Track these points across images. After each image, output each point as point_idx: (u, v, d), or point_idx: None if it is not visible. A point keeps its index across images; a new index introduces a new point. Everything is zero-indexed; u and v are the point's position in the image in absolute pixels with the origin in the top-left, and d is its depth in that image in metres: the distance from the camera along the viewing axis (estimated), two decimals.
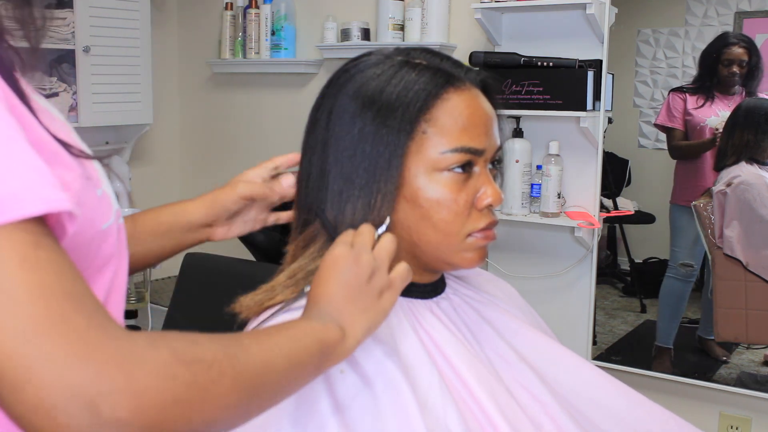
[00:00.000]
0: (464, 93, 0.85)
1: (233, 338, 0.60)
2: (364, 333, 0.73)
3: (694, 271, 2.40)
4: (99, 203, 0.60)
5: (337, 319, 0.72)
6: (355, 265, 0.74)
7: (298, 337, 0.66)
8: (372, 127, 0.82)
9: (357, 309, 0.73)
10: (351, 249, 0.75)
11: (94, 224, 0.59)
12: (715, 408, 2.28)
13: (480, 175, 0.86)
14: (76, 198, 0.55)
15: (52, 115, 0.60)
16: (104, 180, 0.63)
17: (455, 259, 0.87)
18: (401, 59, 0.86)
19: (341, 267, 0.74)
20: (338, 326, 0.71)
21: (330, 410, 0.75)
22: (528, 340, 0.96)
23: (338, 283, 0.73)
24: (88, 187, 0.58)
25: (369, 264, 0.75)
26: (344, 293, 0.73)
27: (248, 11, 2.85)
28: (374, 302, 0.74)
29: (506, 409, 0.84)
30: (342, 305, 0.73)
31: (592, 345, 2.37)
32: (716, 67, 2.29)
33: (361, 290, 0.74)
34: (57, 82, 2.61)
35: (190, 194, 3.48)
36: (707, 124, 2.31)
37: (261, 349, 0.61)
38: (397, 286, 0.77)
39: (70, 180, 0.55)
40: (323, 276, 0.75)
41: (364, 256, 0.75)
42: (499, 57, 2.27)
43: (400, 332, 0.84)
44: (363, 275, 0.74)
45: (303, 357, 0.65)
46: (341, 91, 0.86)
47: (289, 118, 2.92)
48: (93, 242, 0.59)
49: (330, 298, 0.73)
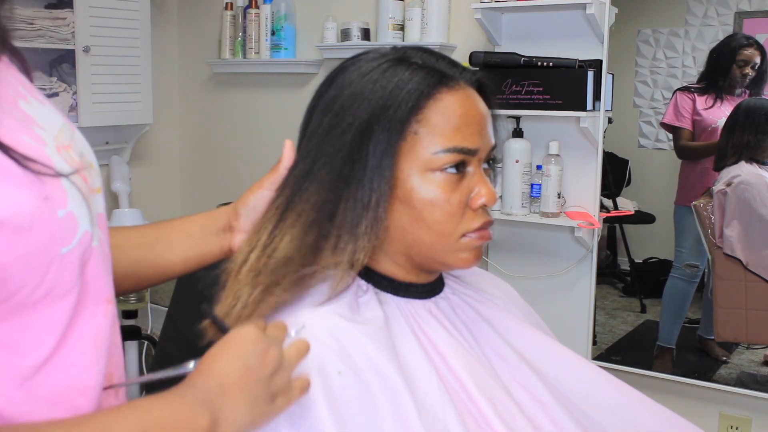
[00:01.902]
0: (457, 93, 0.85)
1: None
2: (239, 426, 0.65)
3: (698, 272, 2.40)
4: (58, 225, 0.56)
5: (215, 401, 0.64)
6: (263, 353, 0.67)
7: (148, 431, 0.59)
8: (363, 125, 0.82)
9: (245, 400, 0.65)
10: (263, 336, 0.69)
11: (51, 249, 0.55)
12: (715, 408, 2.28)
13: (474, 174, 0.85)
14: (27, 219, 0.53)
15: (30, 126, 0.57)
16: (73, 199, 0.58)
17: (450, 260, 0.86)
18: (396, 58, 0.86)
19: (247, 349, 0.67)
20: (209, 414, 0.63)
21: (327, 411, 0.75)
22: (527, 339, 0.96)
23: (237, 363, 0.66)
24: (46, 207, 0.55)
25: (276, 359, 0.68)
26: (239, 377, 0.65)
27: (248, 11, 2.85)
28: (266, 401, 0.67)
29: (503, 410, 0.84)
30: (229, 389, 0.65)
31: (592, 345, 2.37)
32: (729, 68, 2.28)
33: (258, 382, 0.66)
34: (57, 82, 2.61)
35: (190, 194, 3.45)
36: (719, 126, 2.31)
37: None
38: (295, 395, 0.70)
39: (21, 201, 0.52)
40: (223, 348, 0.68)
41: (275, 349, 0.68)
42: (499, 57, 2.27)
43: (398, 333, 0.84)
44: (267, 368, 0.67)
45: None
46: (336, 89, 0.86)
47: (289, 118, 2.92)
48: (50, 267, 0.55)
49: (220, 377, 0.65)
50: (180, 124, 3.29)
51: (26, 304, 0.56)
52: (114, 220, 2.74)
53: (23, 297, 0.55)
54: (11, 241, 0.52)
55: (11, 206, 0.52)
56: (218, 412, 0.63)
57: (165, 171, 3.27)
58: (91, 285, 0.62)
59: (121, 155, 2.97)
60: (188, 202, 3.31)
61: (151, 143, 3.19)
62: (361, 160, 0.81)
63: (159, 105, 3.08)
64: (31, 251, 0.53)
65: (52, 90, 2.57)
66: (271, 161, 1.65)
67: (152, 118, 2.92)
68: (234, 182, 3.11)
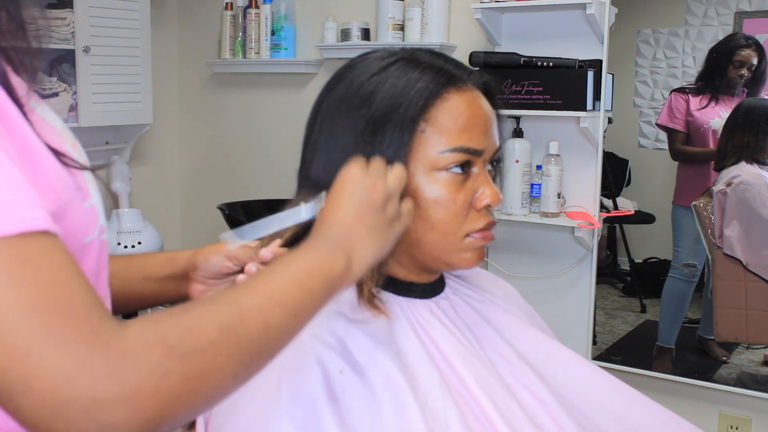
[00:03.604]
0: (465, 93, 0.85)
1: (230, 304, 0.58)
2: (370, 258, 0.72)
3: (697, 271, 2.40)
4: (85, 216, 0.59)
5: (345, 243, 0.70)
6: (372, 188, 0.73)
7: (302, 280, 0.64)
8: (375, 123, 0.82)
9: (367, 231, 0.72)
10: (367, 172, 0.74)
11: (78, 237, 0.58)
12: (715, 408, 2.28)
13: (479, 175, 0.86)
14: (62, 209, 0.55)
15: (47, 124, 0.59)
16: (94, 192, 0.62)
17: (453, 260, 0.87)
18: (406, 57, 0.86)
19: (357, 187, 0.73)
20: (344, 254, 0.69)
21: (329, 410, 0.75)
22: (528, 339, 0.96)
23: (352, 202, 0.72)
24: (77, 198, 0.58)
25: (384, 190, 0.74)
26: (357, 213, 0.72)
27: (248, 11, 2.85)
28: (385, 228, 0.74)
29: (505, 410, 0.84)
30: (353, 226, 0.71)
31: (592, 345, 2.37)
32: (726, 69, 2.28)
33: (375, 214, 0.73)
34: (57, 82, 2.61)
35: (190, 194, 3.45)
36: (711, 126, 2.31)
37: (260, 311, 0.59)
38: (406, 219, 0.77)
39: (59, 189, 0.55)
40: (337, 194, 0.73)
41: (381, 182, 0.74)
42: (499, 57, 2.27)
43: (399, 332, 0.84)
44: (378, 200, 0.73)
45: (307, 303, 0.64)
46: (344, 86, 0.86)
47: (289, 118, 2.92)
48: (74, 255, 0.57)
49: (342, 218, 0.71)
50: (180, 124, 3.29)
51: None
52: (114, 220, 2.74)
53: None
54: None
55: (60, 193, 0.54)
56: (350, 251, 0.70)
57: (165, 171, 3.27)
58: (102, 277, 0.64)
59: (121, 155, 2.97)
60: (188, 202, 3.31)
61: (151, 143, 3.19)
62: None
63: (159, 105, 3.08)
64: (64, 239, 0.55)
65: (52, 90, 2.57)
66: (271, 161, 1.68)
67: (152, 118, 2.91)
68: (234, 182, 3.11)
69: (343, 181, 0.74)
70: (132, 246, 2.68)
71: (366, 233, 0.72)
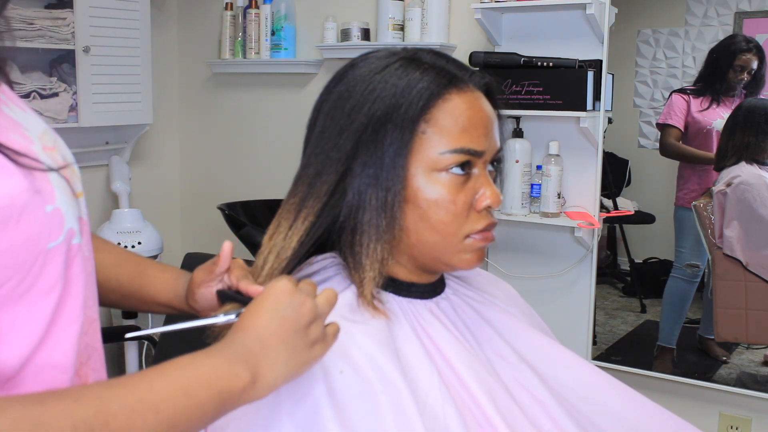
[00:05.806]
0: (466, 94, 0.85)
1: (98, 402, 0.54)
2: (281, 379, 0.67)
3: (699, 272, 2.40)
4: (47, 220, 0.56)
5: (254, 357, 0.65)
6: (299, 305, 0.69)
7: (190, 388, 0.59)
8: (377, 124, 0.82)
9: (284, 351, 0.67)
10: (297, 289, 0.70)
11: (38, 243, 0.55)
12: (715, 408, 2.28)
13: (479, 176, 0.86)
14: (17, 211, 0.53)
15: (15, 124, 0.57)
16: (60, 195, 0.58)
17: (453, 261, 0.87)
18: (407, 57, 0.86)
19: (284, 302, 0.68)
20: (249, 369, 0.64)
21: (329, 411, 0.75)
22: (528, 340, 0.96)
23: (274, 316, 0.67)
24: (35, 202, 0.55)
25: (312, 311, 0.69)
26: (276, 329, 0.67)
27: (248, 11, 2.85)
28: (304, 350, 0.68)
29: (505, 410, 0.84)
30: (269, 340, 0.66)
31: (592, 345, 2.37)
32: (726, 72, 2.28)
33: (296, 333, 0.68)
34: (57, 82, 2.60)
35: (190, 194, 3.44)
36: (714, 127, 2.31)
37: (129, 415, 0.54)
38: (330, 342, 0.72)
39: (13, 192, 0.53)
40: (260, 303, 0.69)
41: (309, 300, 0.70)
42: (499, 57, 2.27)
43: (399, 333, 0.84)
44: (303, 319, 0.68)
45: (190, 414, 0.59)
46: (345, 85, 0.86)
47: (289, 118, 2.92)
48: (36, 261, 0.55)
49: (259, 331, 0.67)
50: (180, 124, 3.29)
51: (10, 298, 0.55)
52: (114, 220, 2.74)
53: (8, 290, 0.55)
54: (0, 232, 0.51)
55: (2, 197, 0.52)
56: (258, 366, 0.65)
57: (165, 171, 3.27)
58: (74, 284, 0.61)
59: (121, 155, 2.97)
60: (188, 202, 3.31)
61: (151, 143, 3.19)
62: (375, 157, 0.82)
63: (159, 105, 3.08)
64: (19, 244, 0.53)
65: (52, 90, 2.57)
66: (271, 161, 1.67)
67: (152, 118, 2.91)
68: (234, 182, 3.11)
69: (270, 292, 0.69)
70: (132, 246, 2.68)
71: (282, 351, 0.66)
